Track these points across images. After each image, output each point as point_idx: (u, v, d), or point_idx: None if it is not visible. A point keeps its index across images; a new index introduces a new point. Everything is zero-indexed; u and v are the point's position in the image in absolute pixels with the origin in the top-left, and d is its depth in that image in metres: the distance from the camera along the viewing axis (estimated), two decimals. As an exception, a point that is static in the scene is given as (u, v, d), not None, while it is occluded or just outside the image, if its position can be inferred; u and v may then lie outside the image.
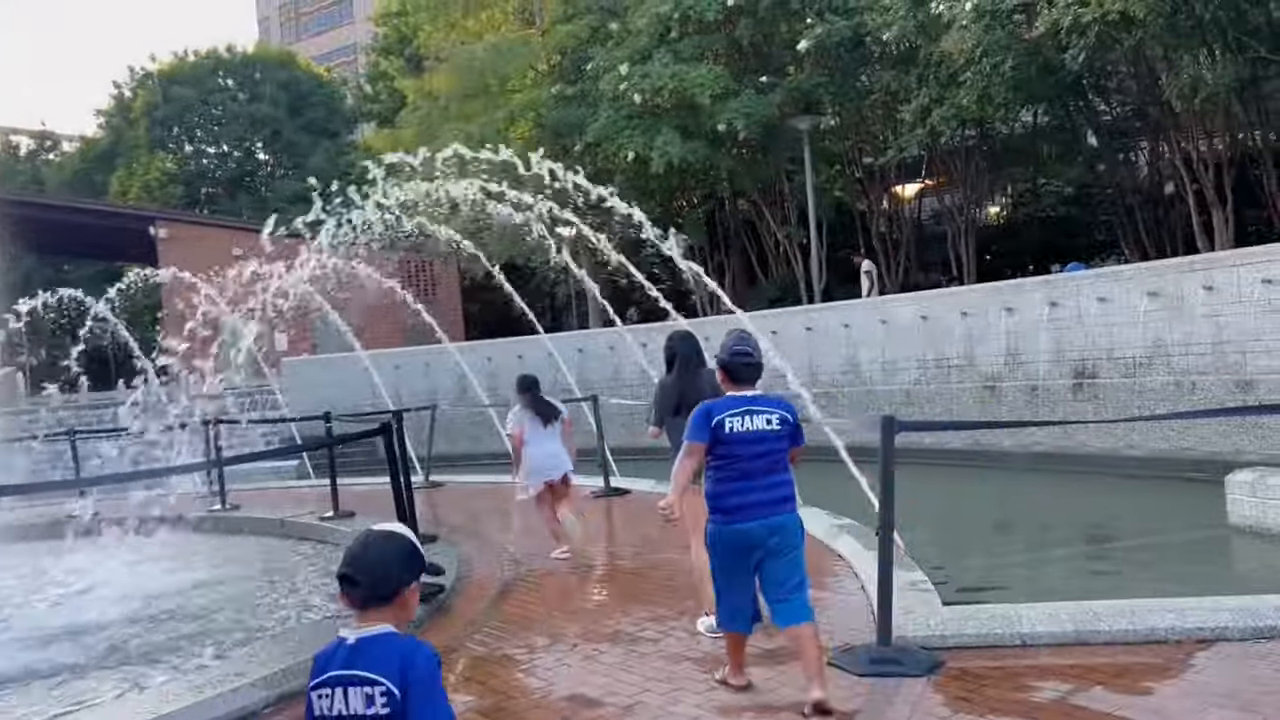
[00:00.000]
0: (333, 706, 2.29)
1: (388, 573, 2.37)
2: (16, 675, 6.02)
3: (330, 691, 2.30)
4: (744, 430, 4.41)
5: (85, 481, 10.69)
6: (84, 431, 15.90)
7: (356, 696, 2.27)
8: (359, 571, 2.36)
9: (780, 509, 4.46)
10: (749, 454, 4.40)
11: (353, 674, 2.28)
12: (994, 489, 13.05)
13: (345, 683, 2.29)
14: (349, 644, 2.33)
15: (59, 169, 49.74)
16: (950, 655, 4.93)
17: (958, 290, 17.88)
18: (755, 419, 4.42)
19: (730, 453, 4.41)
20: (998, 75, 18.46)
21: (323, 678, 2.32)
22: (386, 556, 2.39)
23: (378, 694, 2.26)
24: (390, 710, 2.25)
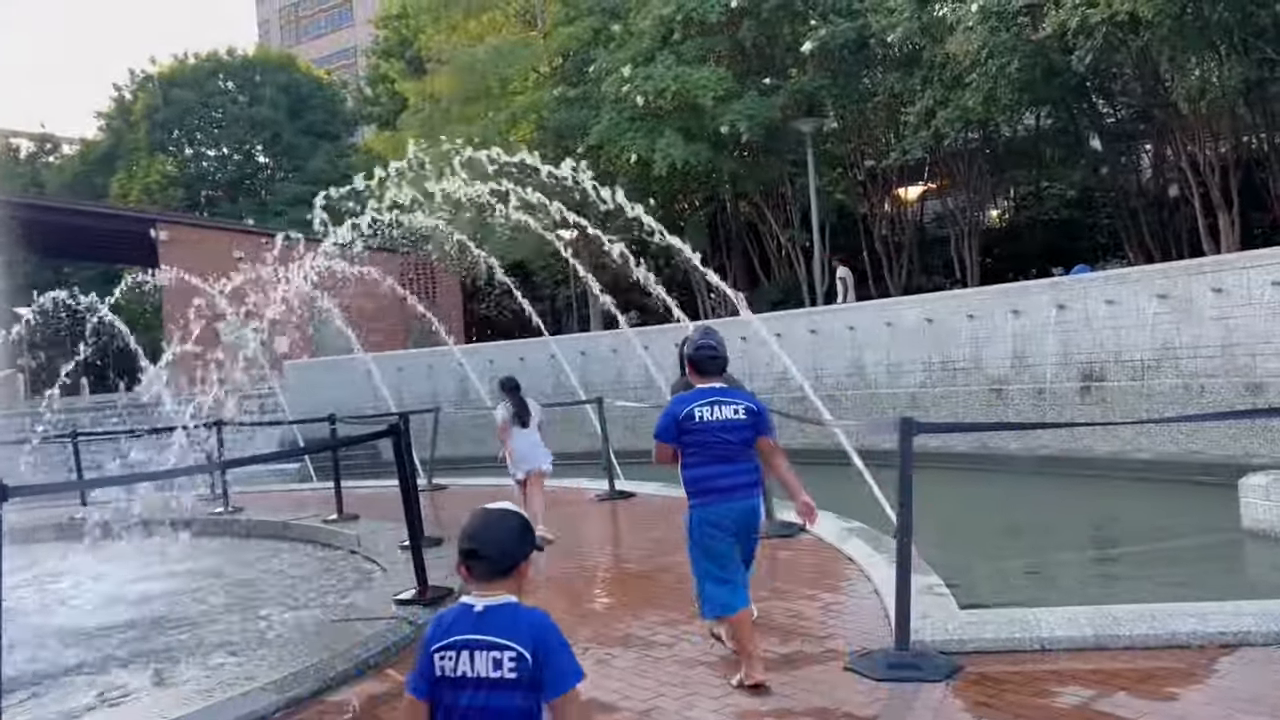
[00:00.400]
0: (457, 668, 2.43)
1: (507, 548, 2.54)
2: (21, 678, 5.94)
3: (455, 654, 2.44)
4: (713, 419, 4.75)
5: (89, 483, 10.62)
6: (85, 433, 15.82)
7: (484, 660, 2.42)
8: (482, 547, 2.53)
9: (751, 493, 4.82)
10: (719, 441, 4.75)
11: (481, 639, 2.42)
12: (1001, 492, 12.98)
13: (473, 646, 2.43)
14: (476, 611, 2.48)
15: (59, 171, 49.71)
16: (968, 660, 4.87)
17: (963, 292, 17.82)
18: (723, 409, 4.77)
19: (702, 440, 4.76)
20: (1003, 77, 18.42)
21: (448, 640, 2.46)
22: (505, 533, 2.56)
23: (506, 658, 2.41)
24: (518, 674, 2.39)
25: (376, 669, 5.42)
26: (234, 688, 4.90)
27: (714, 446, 4.75)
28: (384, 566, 8.20)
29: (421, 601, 6.42)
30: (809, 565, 7.20)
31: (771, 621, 5.76)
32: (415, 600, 6.45)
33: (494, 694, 2.41)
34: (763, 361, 17.52)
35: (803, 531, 8.23)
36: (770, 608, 6.05)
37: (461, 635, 2.45)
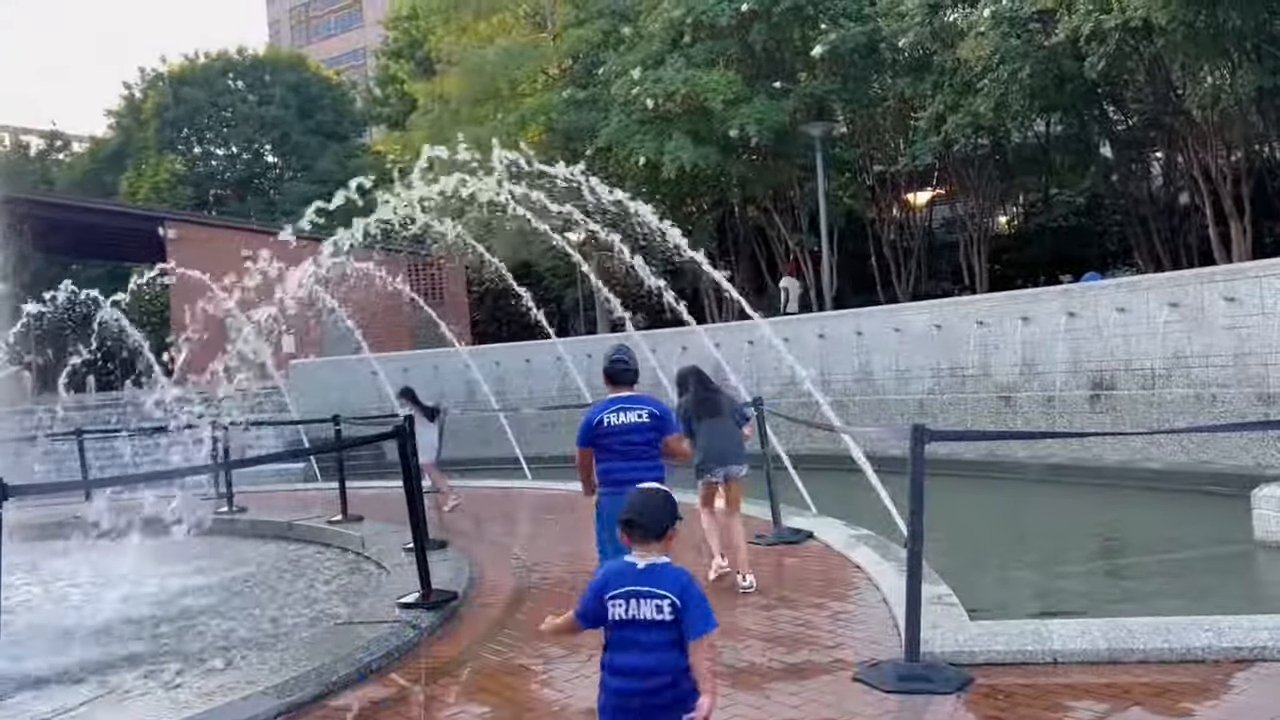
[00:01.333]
0: (627, 612, 3.08)
1: (660, 518, 3.20)
2: (19, 678, 5.90)
3: (625, 601, 3.08)
4: (619, 423, 5.59)
5: (94, 483, 10.60)
6: (91, 431, 15.80)
7: (648, 606, 3.05)
8: (639, 517, 3.19)
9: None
10: (621, 442, 5.55)
11: (645, 589, 3.06)
12: (1010, 500, 12.89)
13: (640, 595, 3.07)
14: (639, 567, 3.11)
15: (69, 169, 49.78)
16: (979, 672, 4.79)
17: (973, 299, 17.72)
18: (628, 414, 5.61)
19: (609, 443, 5.58)
20: (1015, 83, 18.33)
21: (620, 590, 3.09)
22: (659, 506, 3.23)
23: (665, 605, 3.04)
24: (673, 617, 3.04)
25: (379, 673, 5.37)
26: (234, 691, 4.85)
27: (620, 446, 5.55)
28: (387, 569, 8.15)
29: (424, 605, 6.36)
30: (816, 573, 7.13)
31: (779, 630, 5.69)
32: (418, 604, 6.39)
33: (653, 631, 3.04)
34: (770, 366, 17.45)
35: (810, 538, 8.16)
36: (777, 616, 5.98)
37: (630, 586, 3.07)
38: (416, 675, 5.37)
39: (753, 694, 4.70)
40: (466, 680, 5.26)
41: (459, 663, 5.56)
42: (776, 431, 10.30)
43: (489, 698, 4.93)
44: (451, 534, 9.60)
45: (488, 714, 4.70)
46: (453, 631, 6.19)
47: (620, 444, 5.56)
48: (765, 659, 5.21)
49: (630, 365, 5.86)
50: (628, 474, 5.24)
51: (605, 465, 5.63)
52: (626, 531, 3.19)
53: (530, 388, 21.02)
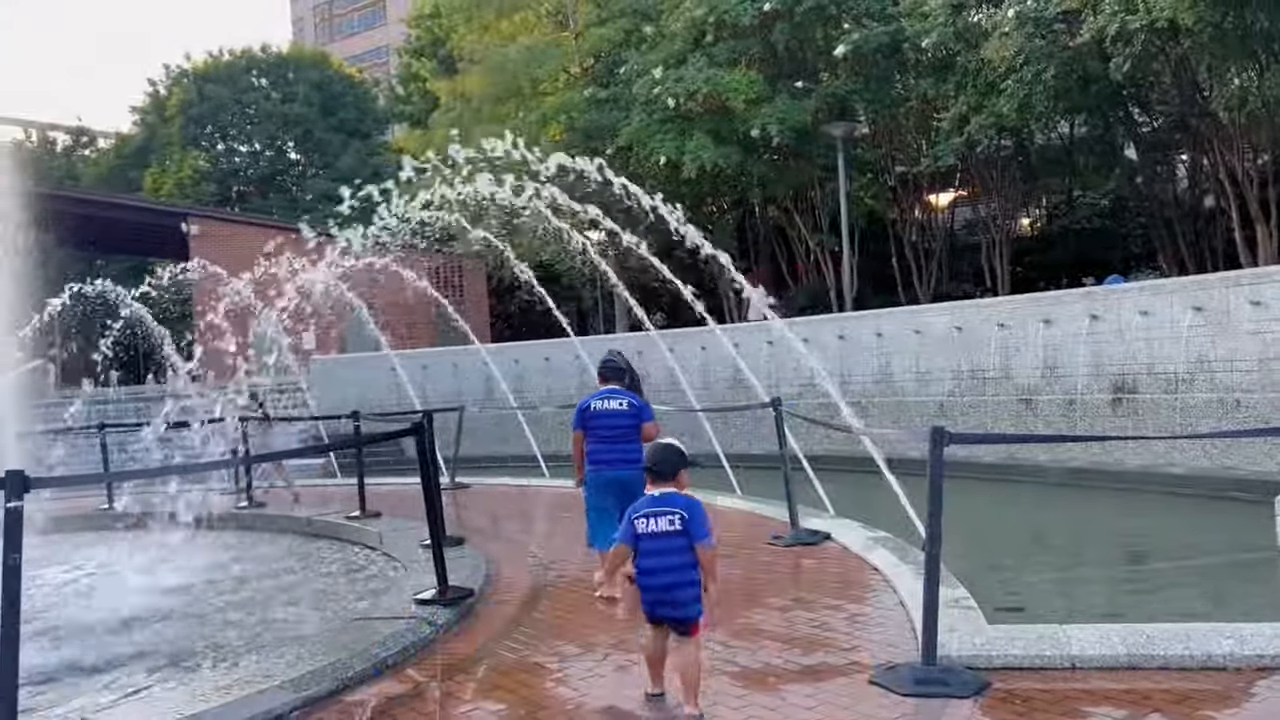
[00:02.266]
0: (648, 526, 4.31)
1: (671, 463, 4.49)
2: (38, 671, 5.95)
3: (647, 519, 4.33)
4: (604, 409, 6.84)
5: (112, 476, 10.69)
6: (113, 425, 15.93)
7: (663, 520, 4.31)
8: (657, 464, 4.49)
9: (630, 467, 6.42)
10: (605, 426, 6.78)
11: (661, 508, 4.33)
12: (1030, 504, 12.81)
13: (657, 514, 4.33)
14: (655, 495, 4.41)
15: (94, 165, 50.18)
16: (996, 676, 4.75)
17: (994, 301, 17.62)
18: (611, 402, 6.85)
19: (596, 424, 6.82)
20: (1039, 84, 18.22)
21: (643, 510, 4.36)
22: (670, 456, 4.52)
23: (675, 518, 4.30)
24: (681, 527, 4.28)
25: (395, 669, 5.38)
26: (251, 685, 4.87)
27: (603, 430, 6.78)
28: (404, 565, 8.17)
29: (441, 602, 6.38)
30: (833, 575, 7.10)
31: (795, 632, 5.67)
32: (435, 600, 6.41)
33: (668, 540, 4.27)
34: (789, 366, 17.41)
35: (827, 540, 8.14)
36: (794, 618, 5.96)
37: (650, 507, 4.35)
38: (432, 672, 5.38)
39: (768, 695, 4.69)
40: (482, 677, 5.27)
41: (475, 660, 5.57)
42: (795, 432, 10.27)
43: (504, 695, 4.94)
44: (468, 531, 9.62)
45: (503, 711, 4.70)
46: (469, 628, 6.20)
47: (605, 427, 6.79)
48: (781, 660, 5.19)
49: (617, 364, 7.16)
50: (606, 455, 6.71)
51: (590, 447, 6.84)
52: (649, 475, 4.50)
53: (549, 386, 21.05)
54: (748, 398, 15.70)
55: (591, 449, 6.81)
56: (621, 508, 6.03)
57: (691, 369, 18.29)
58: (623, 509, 6.00)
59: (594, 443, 6.81)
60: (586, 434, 6.83)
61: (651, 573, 4.30)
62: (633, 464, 6.33)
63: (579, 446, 6.88)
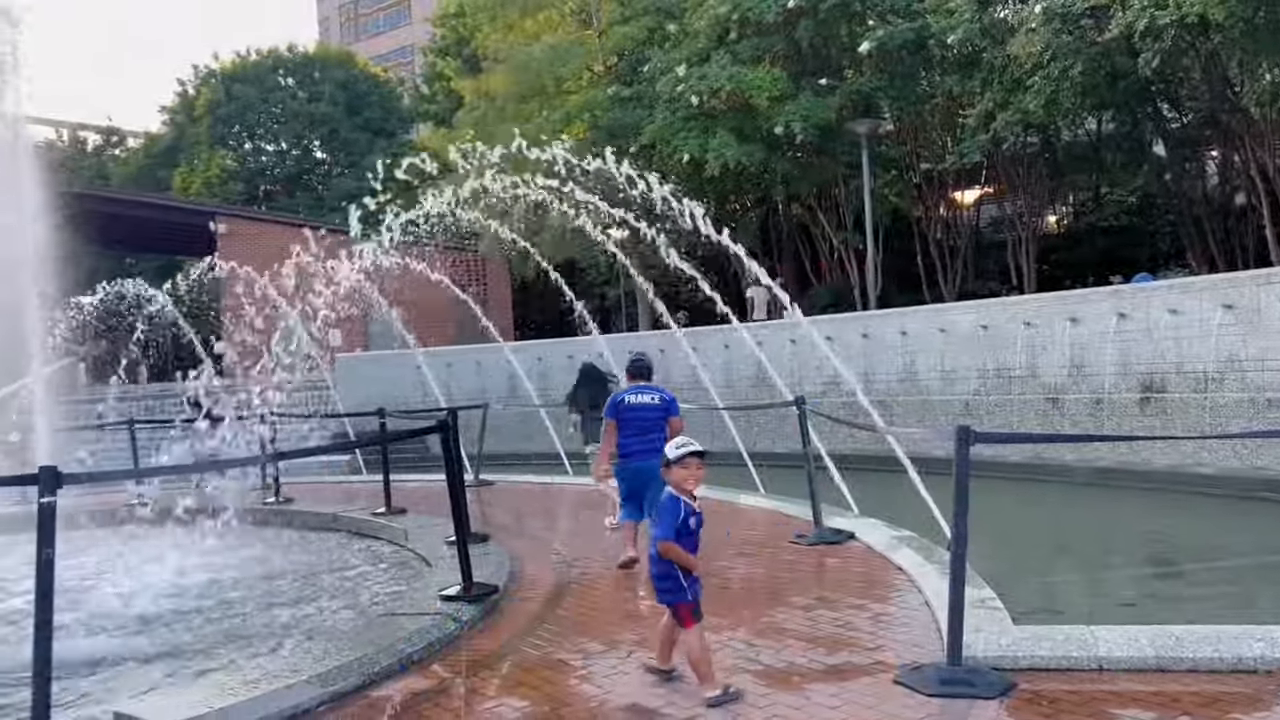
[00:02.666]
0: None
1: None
2: (68, 665, 6.02)
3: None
4: (636, 403, 7.54)
5: (142, 472, 10.81)
6: (143, 421, 16.11)
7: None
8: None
9: (647, 457, 6.94)
10: (636, 418, 7.47)
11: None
12: (1056, 504, 12.71)
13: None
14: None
15: (124, 164, 50.70)
16: (1022, 677, 4.72)
17: (1021, 299, 17.49)
18: (641, 397, 7.57)
19: (625, 419, 7.51)
20: (1066, 80, 18.08)
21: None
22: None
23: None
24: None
25: (420, 664, 5.41)
26: (278, 679, 4.91)
27: (634, 422, 7.45)
28: (430, 561, 8.21)
29: (466, 598, 6.41)
30: (858, 574, 7.08)
31: (819, 631, 5.66)
32: (460, 596, 6.44)
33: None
34: (812, 365, 17.36)
35: (851, 539, 8.11)
36: (818, 617, 5.95)
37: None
38: (457, 667, 5.41)
39: (793, 694, 4.68)
40: (506, 673, 5.29)
41: (499, 656, 5.60)
42: (819, 431, 10.24)
43: (529, 691, 4.96)
44: (493, 528, 9.66)
45: (527, 707, 4.72)
46: (493, 625, 6.22)
47: (635, 419, 7.45)
48: (805, 659, 5.18)
49: (645, 363, 8.00)
50: (635, 447, 7.38)
51: (621, 440, 7.50)
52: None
53: (572, 384, 21.06)
54: (771, 396, 15.68)
55: (622, 441, 7.50)
56: (643, 494, 7.38)
57: (714, 367, 18.28)
58: (644, 495, 7.35)
59: (625, 435, 7.47)
60: (619, 426, 7.51)
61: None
62: (653, 454, 6.64)
63: (611, 434, 7.57)
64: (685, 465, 4.68)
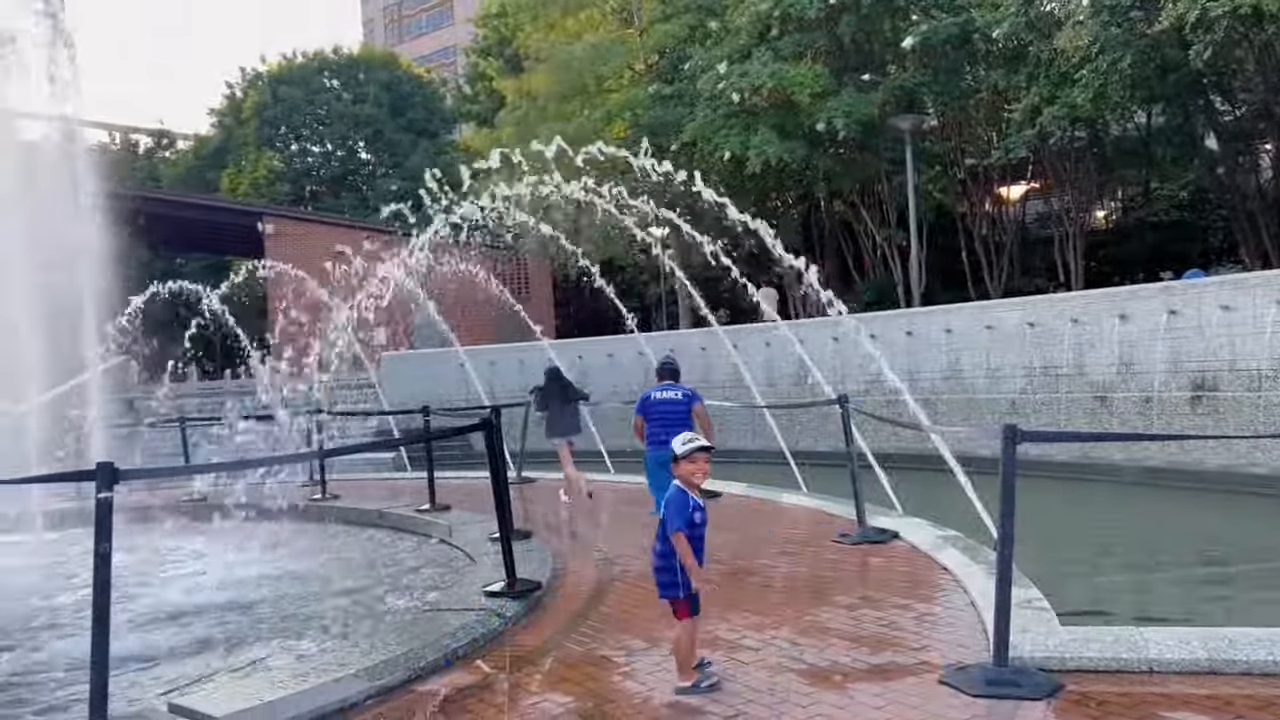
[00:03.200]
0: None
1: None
2: (122, 656, 6.16)
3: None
4: (661, 399, 8.67)
5: (194, 469, 11.02)
6: (193, 419, 16.41)
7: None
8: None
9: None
10: (660, 412, 8.59)
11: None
12: (1104, 504, 12.52)
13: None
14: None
15: (174, 166, 51.61)
16: (1070, 679, 4.67)
17: (1068, 296, 17.25)
18: (667, 394, 8.70)
19: (654, 413, 8.63)
20: (1115, 73, 17.79)
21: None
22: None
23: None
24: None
25: (465, 660, 5.47)
26: (326, 673, 4.99)
27: (661, 417, 8.53)
28: (473, 558, 8.29)
29: (510, 594, 6.46)
30: (902, 574, 7.03)
31: (863, 631, 5.64)
32: (503, 593, 6.49)
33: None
34: (855, 363, 17.25)
35: (895, 538, 8.06)
36: (862, 617, 5.92)
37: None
38: (501, 663, 5.46)
39: (836, 694, 4.67)
40: (550, 669, 5.33)
41: (542, 652, 5.64)
42: (862, 430, 10.18)
43: (572, 688, 4.99)
44: (535, 525, 9.73)
45: (571, 704, 4.75)
46: (536, 621, 6.27)
47: (661, 414, 8.56)
48: (849, 659, 5.17)
49: (672, 366, 9.05)
50: (662, 437, 7.92)
51: (650, 430, 8.62)
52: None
53: (613, 382, 21.13)
54: (813, 394, 15.60)
55: (650, 431, 8.61)
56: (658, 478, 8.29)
57: (755, 365, 18.22)
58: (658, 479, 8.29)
59: (653, 426, 8.57)
60: (646, 419, 8.66)
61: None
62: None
63: (640, 426, 8.76)
64: (693, 460, 4.76)
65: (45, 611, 7.65)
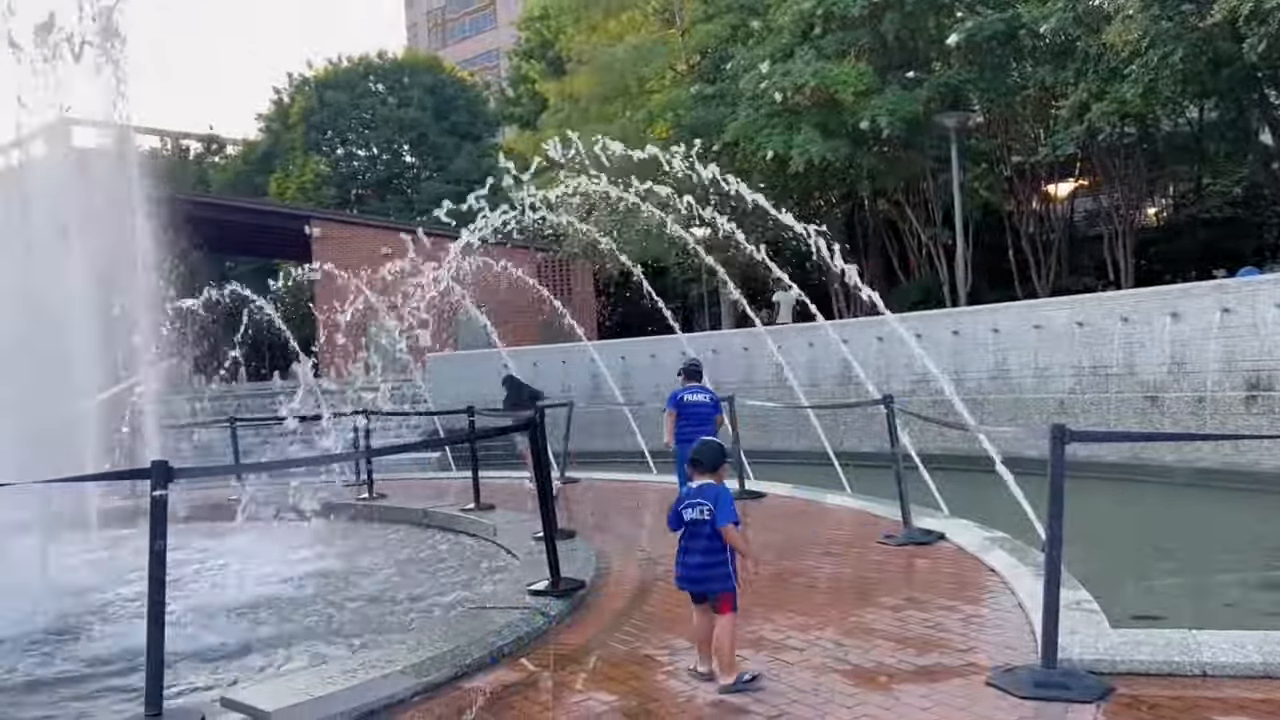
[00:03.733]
0: (689, 515, 4.91)
1: (713, 459, 5.10)
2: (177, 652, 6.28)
3: (691, 506, 4.92)
4: (692, 400, 9.62)
5: (244, 467, 11.21)
6: (243, 419, 16.69)
7: (695, 510, 4.90)
8: (702, 458, 5.09)
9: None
10: (691, 412, 9.53)
11: (696, 499, 4.92)
12: (1155, 505, 12.31)
13: (693, 504, 4.92)
14: (695, 487, 5.01)
15: (223, 171, 52.53)
16: (1120, 682, 4.61)
17: (1117, 294, 16.96)
18: (696, 395, 9.69)
19: (685, 412, 9.53)
20: (1165, 68, 17.45)
21: (686, 501, 4.97)
22: (713, 453, 5.13)
23: (706, 509, 4.87)
24: (709, 517, 4.85)
25: (510, 657, 5.51)
26: (375, 669, 5.06)
27: (690, 416, 9.48)
28: (518, 556, 8.34)
29: (554, 593, 6.50)
30: (948, 575, 6.97)
31: (909, 632, 5.60)
32: (548, 591, 6.53)
33: (699, 526, 4.88)
34: (901, 363, 17.11)
35: (941, 540, 7.99)
36: (907, 618, 5.88)
37: (689, 499, 4.95)
38: (546, 661, 5.50)
39: (882, 695, 4.64)
40: (594, 668, 5.36)
41: (586, 650, 5.67)
42: (907, 430, 10.11)
43: (616, 686, 5.01)
44: (579, 525, 9.77)
45: (615, 702, 4.77)
46: (580, 620, 6.30)
47: (693, 414, 9.48)
48: (895, 660, 5.14)
49: (698, 368, 10.06)
50: (691, 435, 8.38)
51: (680, 427, 9.43)
52: (693, 467, 5.12)
53: (656, 382, 21.12)
54: (857, 394, 15.50)
55: (681, 429, 9.44)
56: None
57: (799, 365, 18.13)
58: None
59: (683, 425, 9.42)
60: (679, 416, 9.55)
61: (688, 553, 4.95)
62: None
63: (671, 423, 9.62)
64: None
65: (102, 606, 7.83)
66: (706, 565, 4.88)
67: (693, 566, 4.92)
